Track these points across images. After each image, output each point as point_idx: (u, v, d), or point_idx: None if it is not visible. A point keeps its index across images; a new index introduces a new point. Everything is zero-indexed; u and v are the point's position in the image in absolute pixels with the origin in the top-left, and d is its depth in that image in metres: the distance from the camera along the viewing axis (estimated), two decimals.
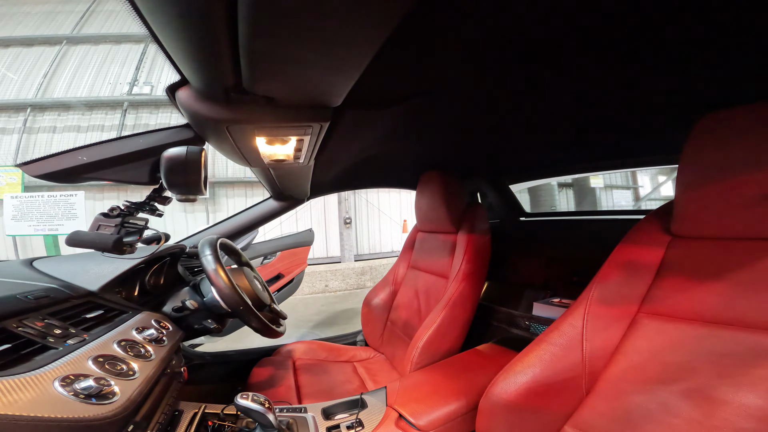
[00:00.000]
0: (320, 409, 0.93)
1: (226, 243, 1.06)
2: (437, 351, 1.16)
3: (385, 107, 0.74)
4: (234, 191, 5.68)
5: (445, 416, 0.87)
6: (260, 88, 0.52)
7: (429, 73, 0.63)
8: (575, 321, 0.74)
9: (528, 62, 0.61)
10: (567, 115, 0.91)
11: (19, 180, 4.82)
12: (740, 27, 0.50)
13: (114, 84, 5.83)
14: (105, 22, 6.33)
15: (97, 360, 0.54)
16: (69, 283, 0.77)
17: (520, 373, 0.73)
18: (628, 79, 0.68)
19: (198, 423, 0.77)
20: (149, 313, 0.84)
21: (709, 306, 0.62)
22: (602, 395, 0.68)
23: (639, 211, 2.13)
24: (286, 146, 0.74)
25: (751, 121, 0.57)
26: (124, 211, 0.75)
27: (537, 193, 6.22)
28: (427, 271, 1.43)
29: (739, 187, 0.58)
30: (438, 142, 1.16)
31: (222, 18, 0.35)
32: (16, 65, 5.79)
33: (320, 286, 5.08)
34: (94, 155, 0.70)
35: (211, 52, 0.42)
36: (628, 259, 0.75)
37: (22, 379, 0.43)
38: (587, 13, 0.47)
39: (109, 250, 0.70)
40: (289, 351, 1.46)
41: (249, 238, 1.93)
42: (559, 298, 1.28)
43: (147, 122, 5.73)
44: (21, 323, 0.55)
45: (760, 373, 0.53)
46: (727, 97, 0.72)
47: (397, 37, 0.39)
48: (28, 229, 4.00)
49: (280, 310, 1.18)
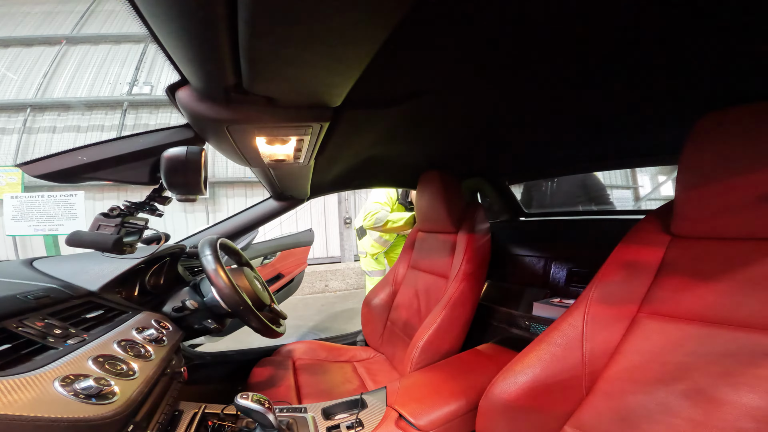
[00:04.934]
0: (320, 409, 0.93)
1: (226, 243, 1.06)
2: (437, 351, 1.16)
3: (385, 107, 0.74)
4: (234, 191, 5.67)
5: (445, 416, 0.87)
6: (260, 88, 0.52)
7: (429, 73, 0.63)
8: (575, 321, 0.74)
9: (528, 62, 0.61)
10: (567, 115, 0.91)
11: (19, 180, 4.82)
12: (740, 27, 0.50)
13: (114, 84, 5.82)
14: (105, 22, 6.33)
15: (97, 360, 0.54)
16: (69, 283, 0.77)
17: (520, 373, 0.73)
18: (629, 79, 0.68)
19: (198, 423, 0.77)
20: (149, 313, 0.84)
21: (709, 306, 0.62)
22: (602, 395, 0.68)
23: (639, 211, 2.13)
24: (286, 146, 0.74)
25: (751, 121, 0.57)
26: (124, 211, 0.75)
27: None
28: (427, 271, 1.43)
29: (739, 186, 0.58)
30: (438, 142, 1.16)
31: (222, 18, 0.35)
32: (16, 65, 5.79)
33: (320, 286, 5.07)
34: (94, 155, 0.70)
35: (211, 52, 0.42)
36: (628, 259, 0.75)
37: (22, 379, 0.43)
38: (588, 14, 0.47)
39: (109, 250, 0.70)
40: (289, 351, 1.46)
41: (249, 238, 1.93)
42: (559, 298, 1.27)
43: (147, 122, 5.72)
44: (21, 323, 0.55)
45: (760, 373, 0.53)
46: (727, 97, 0.72)
47: (396, 37, 0.39)
48: (28, 229, 3.99)
49: (280, 310, 1.18)
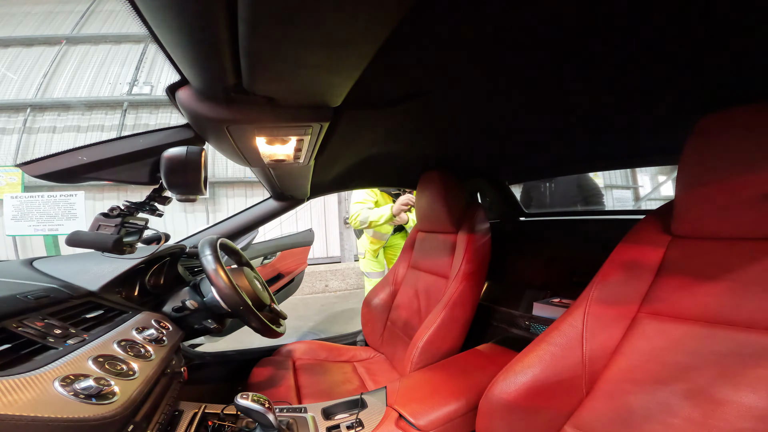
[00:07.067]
0: (320, 409, 0.93)
1: (226, 243, 1.06)
2: (437, 351, 1.16)
3: (385, 107, 0.74)
4: (234, 191, 5.67)
5: (445, 416, 0.87)
6: (260, 88, 0.52)
7: (429, 73, 0.63)
8: (575, 321, 0.74)
9: (528, 63, 0.61)
10: (567, 115, 0.91)
11: (19, 180, 4.82)
12: (741, 27, 0.50)
13: (114, 84, 5.82)
14: (105, 22, 6.32)
15: (97, 360, 0.54)
16: (69, 283, 0.77)
17: (520, 373, 0.73)
18: (629, 79, 0.68)
19: (198, 423, 0.77)
20: (149, 313, 0.84)
21: (709, 306, 0.62)
22: (602, 395, 0.68)
23: (639, 211, 2.13)
24: (286, 146, 0.74)
25: (751, 121, 0.57)
26: (124, 211, 0.75)
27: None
28: (427, 271, 1.43)
29: (739, 186, 0.58)
30: (438, 142, 1.16)
31: (222, 18, 0.35)
32: (16, 65, 5.78)
33: (320, 286, 5.07)
34: (94, 155, 0.70)
35: (211, 52, 0.42)
36: (628, 259, 0.75)
37: (22, 379, 0.43)
38: (587, 14, 0.47)
39: (109, 250, 0.70)
40: (289, 351, 1.46)
41: (249, 238, 1.93)
42: (559, 298, 1.27)
43: (147, 122, 5.71)
44: (21, 323, 0.55)
45: (760, 373, 0.53)
46: (727, 97, 0.72)
47: (396, 37, 0.39)
48: (28, 229, 3.99)
49: (280, 310, 1.18)
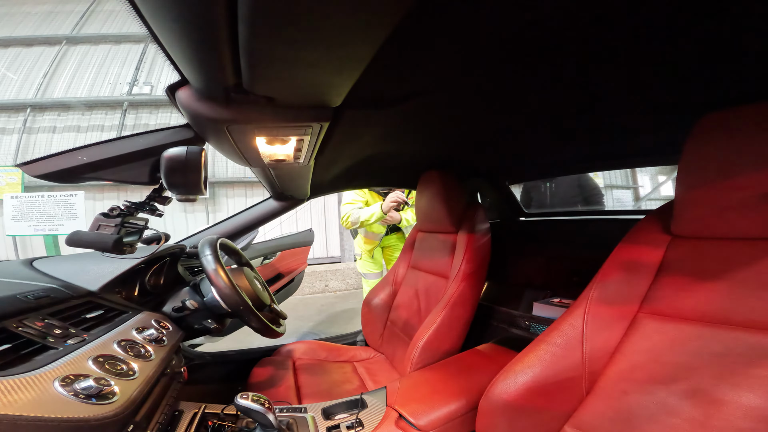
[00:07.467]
0: (320, 409, 0.93)
1: (226, 243, 1.06)
2: (437, 351, 1.16)
3: (385, 107, 0.74)
4: (234, 191, 5.67)
5: (445, 416, 0.87)
6: (260, 88, 0.52)
7: (429, 73, 0.63)
8: (575, 321, 0.74)
9: (528, 62, 0.61)
10: (567, 115, 0.91)
11: (19, 180, 4.82)
12: (740, 27, 0.50)
13: (114, 84, 5.82)
14: (105, 22, 6.32)
15: (97, 360, 0.54)
16: (69, 283, 0.77)
17: (520, 373, 0.73)
18: (629, 79, 0.68)
19: (198, 423, 0.77)
20: (149, 313, 0.84)
21: (710, 306, 0.62)
22: (602, 395, 0.68)
23: (639, 211, 2.13)
24: (286, 146, 0.74)
25: (751, 121, 0.57)
26: (124, 211, 0.75)
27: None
28: (427, 271, 1.43)
29: (739, 186, 0.58)
30: (438, 142, 1.16)
31: (222, 18, 0.35)
32: (16, 65, 5.79)
33: (320, 286, 5.07)
34: (94, 155, 0.70)
35: (211, 52, 0.42)
36: (628, 259, 0.75)
37: (22, 379, 0.43)
38: (587, 14, 0.47)
39: (109, 250, 0.70)
40: (289, 351, 1.46)
41: (249, 238, 1.93)
42: (559, 298, 1.27)
43: (147, 122, 5.72)
44: (21, 323, 0.55)
45: (760, 373, 0.53)
46: (727, 97, 0.72)
47: (396, 37, 0.39)
48: (28, 229, 3.99)
49: (280, 310, 1.18)
